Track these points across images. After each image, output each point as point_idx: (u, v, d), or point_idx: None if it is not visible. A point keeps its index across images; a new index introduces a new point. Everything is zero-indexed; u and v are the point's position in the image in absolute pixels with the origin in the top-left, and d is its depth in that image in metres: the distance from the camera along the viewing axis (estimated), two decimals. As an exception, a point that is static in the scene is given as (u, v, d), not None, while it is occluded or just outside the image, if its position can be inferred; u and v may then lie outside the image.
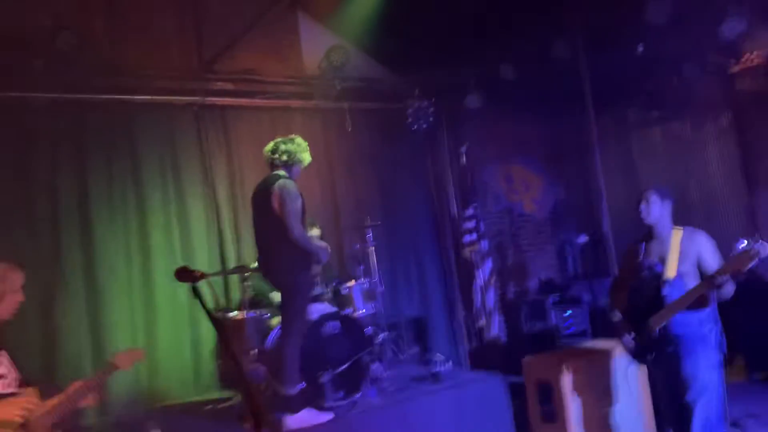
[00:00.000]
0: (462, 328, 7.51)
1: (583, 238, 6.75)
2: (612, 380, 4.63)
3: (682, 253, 3.70)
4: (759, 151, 7.22)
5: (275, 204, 4.38)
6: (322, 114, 6.95)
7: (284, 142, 4.50)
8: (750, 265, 3.39)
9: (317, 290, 4.91)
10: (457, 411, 4.67)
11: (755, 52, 6.72)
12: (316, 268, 4.57)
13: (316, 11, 6.83)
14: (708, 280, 3.55)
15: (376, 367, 4.90)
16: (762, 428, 5.18)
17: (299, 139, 4.57)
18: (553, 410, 4.65)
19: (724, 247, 7.71)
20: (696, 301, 3.61)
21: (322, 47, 6.63)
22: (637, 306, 3.85)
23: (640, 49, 5.78)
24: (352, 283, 5.19)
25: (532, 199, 8.80)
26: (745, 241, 3.43)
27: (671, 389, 3.83)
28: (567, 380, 4.55)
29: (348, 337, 4.68)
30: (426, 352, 6.03)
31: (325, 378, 4.48)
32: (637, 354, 3.88)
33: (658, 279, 3.74)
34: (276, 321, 4.91)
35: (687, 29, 5.87)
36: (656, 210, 3.81)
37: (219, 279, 6.03)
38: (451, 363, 5.02)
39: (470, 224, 7.53)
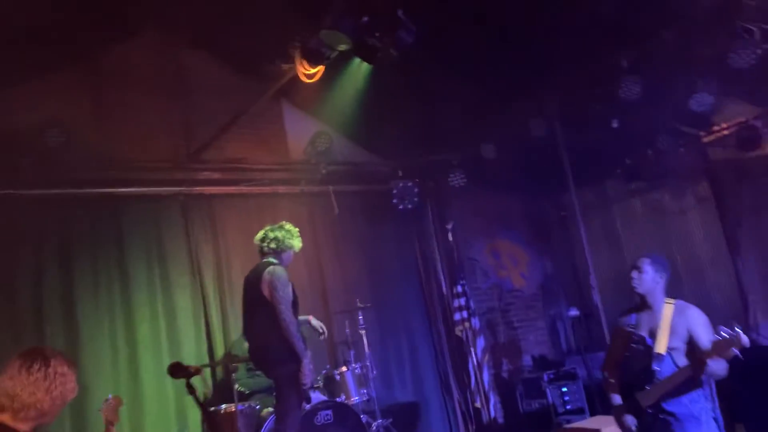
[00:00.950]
0: (458, 410, 7.32)
1: (574, 312, 6.75)
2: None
3: (672, 328, 3.60)
4: (737, 217, 7.35)
5: (266, 291, 4.37)
6: (308, 198, 7.02)
7: (273, 230, 4.54)
8: (732, 354, 3.31)
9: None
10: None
11: (723, 124, 6.95)
12: (309, 356, 4.49)
13: (299, 101, 7.02)
14: (695, 363, 3.43)
15: (373, 457, 4.73)
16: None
17: (289, 226, 4.61)
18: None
19: (712, 318, 7.71)
20: (686, 382, 3.50)
21: (306, 134, 6.82)
22: (628, 381, 3.73)
23: (615, 124, 5.97)
24: (344, 369, 5.09)
25: (520, 274, 8.81)
26: (728, 329, 3.34)
27: None
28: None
29: (342, 426, 4.55)
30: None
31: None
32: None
33: (648, 354, 3.62)
34: (266, 412, 4.78)
35: (659, 103, 6.08)
36: (648, 279, 3.71)
37: (207, 371, 5.88)
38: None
39: (460, 302, 7.49)
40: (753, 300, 7.21)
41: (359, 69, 5.39)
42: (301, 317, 4.97)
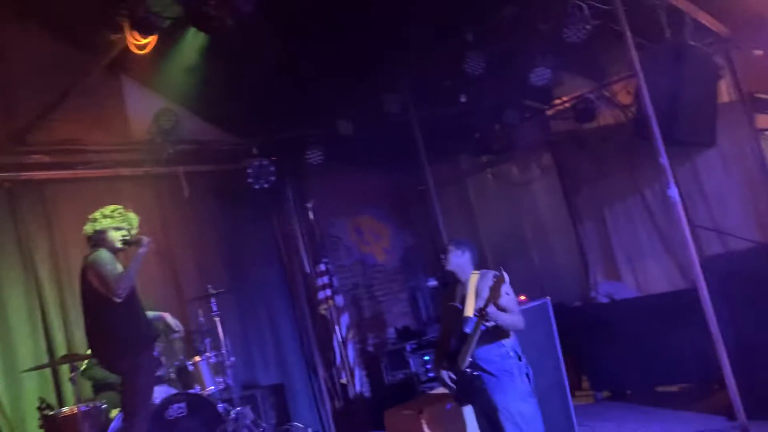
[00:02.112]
0: (324, 389, 7.30)
1: (432, 282, 6.91)
2: (464, 418, 4.66)
3: (478, 293, 3.97)
4: (577, 185, 7.89)
5: (93, 281, 4.08)
6: (155, 181, 6.59)
7: (88, 219, 4.27)
8: (502, 291, 3.77)
9: (159, 371, 4.54)
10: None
11: (563, 97, 7.40)
12: (159, 347, 4.25)
13: (141, 76, 6.53)
14: (478, 313, 3.82)
15: (230, 447, 4.58)
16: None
17: (100, 210, 4.32)
18: (417, 462, 4.58)
19: (562, 278, 8.26)
20: (493, 336, 3.92)
21: (150, 112, 6.36)
22: (453, 349, 4.04)
23: (463, 99, 6.14)
24: (198, 358, 4.86)
25: (383, 248, 8.92)
26: (495, 274, 3.82)
27: (491, 424, 4.00)
28: (426, 429, 4.52)
29: (197, 418, 4.36)
30: (286, 421, 5.76)
31: (173, 466, 4.10)
32: (454, 395, 4.03)
33: (460, 318, 3.97)
34: (116, 411, 4.46)
35: (503, 78, 6.33)
36: (453, 259, 4.16)
37: (47, 372, 5.40)
38: (310, 430, 4.80)
39: (323, 280, 7.44)
40: (592, 261, 7.81)
41: (198, 40, 5.08)
42: (155, 313, 4.68)
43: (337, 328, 7.31)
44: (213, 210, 6.96)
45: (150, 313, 4.60)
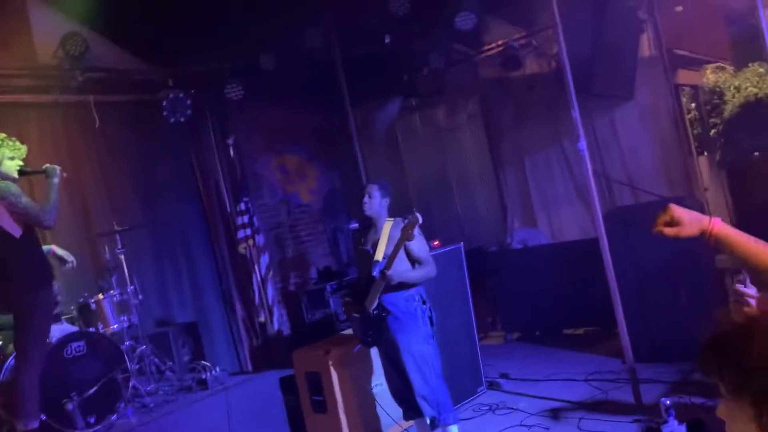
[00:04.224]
0: (241, 327, 7.31)
1: (354, 225, 6.91)
2: (371, 360, 4.78)
3: (390, 239, 4.04)
4: (501, 132, 7.96)
5: (0, 214, 3.86)
6: (64, 109, 6.24)
7: None
8: (414, 232, 3.86)
9: (57, 309, 4.40)
10: (226, 416, 4.51)
11: (492, 44, 7.35)
12: (57, 284, 4.12)
13: (48, -6, 6.09)
14: (382, 270, 3.93)
15: (133, 384, 4.54)
16: (514, 384, 5.73)
17: None
18: (323, 400, 4.68)
19: (482, 223, 8.41)
20: (402, 284, 4.02)
21: (58, 34, 5.95)
22: (360, 290, 4.15)
23: (387, 40, 6.01)
24: (101, 296, 4.74)
25: (308, 189, 8.82)
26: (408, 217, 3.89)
27: (393, 364, 4.15)
28: (333, 369, 4.61)
29: (97, 357, 4.28)
30: (198, 359, 5.75)
31: (71, 405, 4.04)
32: (361, 336, 4.12)
33: (371, 263, 4.04)
34: (12, 349, 4.33)
35: (430, 21, 6.21)
36: (376, 203, 4.17)
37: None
38: (218, 368, 4.81)
39: (243, 219, 7.33)
40: (511, 208, 7.98)
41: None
42: (45, 247, 4.50)
43: (256, 267, 7.27)
44: (126, 142, 6.67)
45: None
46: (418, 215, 3.84)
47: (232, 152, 7.39)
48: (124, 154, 6.63)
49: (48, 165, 4.18)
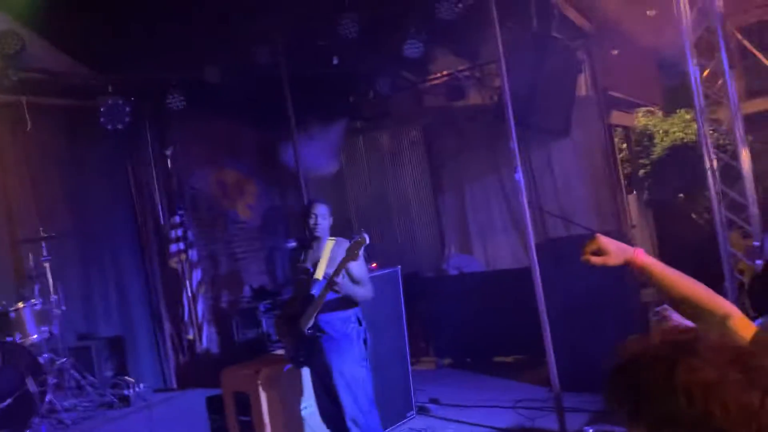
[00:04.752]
0: (168, 343, 7.09)
1: (291, 243, 6.85)
2: (302, 381, 4.71)
3: (331, 259, 4.03)
4: (442, 159, 8.11)
5: None
6: (-6, 109, 5.99)
7: None
8: (360, 252, 3.84)
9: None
10: (148, 434, 4.35)
11: (437, 73, 7.52)
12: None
13: (-16, -11, 5.85)
14: (329, 279, 3.89)
15: (50, 398, 4.32)
16: (443, 410, 5.76)
17: None
18: (250, 421, 4.57)
19: (420, 248, 8.48)
20: (340, 305, 4.00)
21: (-6, 31, 5.72)
22: (294, 308, 4.12)
23: (335, 61, 6.06)
24: (21, 305, 4.52)
25: (247, 205, 8.70)
26: (353, 239, 3.87)
27: (324, 386, 4.14)
28: (262, 389, 4.51)
29: (12, 368, 4.07)
30: (122, 374, 5.54)
31: (-21, 419, 3.82)
32: (292, 356, 4.08)
33: (310, 281, 4.03)
34: None
35: (378, 46, 6.30)
36: (326, 224, 4.15)
37: None
38: (142, 384, 4.64)
39: (177, 232, 7.16)
40: (448, 234, 8.11)
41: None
42: None
43: (188, 282, 7.10)
44: (59, 147, 6.44)
45: None
46: (366, 236, 3.81)
47: (169, 163, 7.24)
48: (56, 159, 6.40)
49: None
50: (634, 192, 9.09)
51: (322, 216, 4.12)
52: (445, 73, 7.33)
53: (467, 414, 5.57)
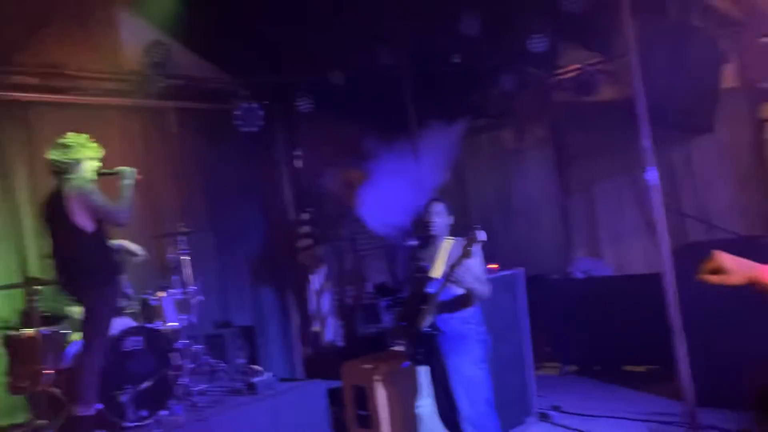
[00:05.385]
0: (295, 335, 7.40)
1: (410, 242, 6.90)
2: (419, 379, 4.72)
3: (448, 258, 3.95)
4: (570, 158, 7.79)
5: (75, 209, 4.06)
6: (143, 113, 6.55)
7: (57, 146, 4.22)
8: (474, 250, 3.69)
9: (121, 303, 4.59)
10: (272, 421, 4.56)
11: (566, 67, 7.23)
12: (124, 278, 4.30)
13: (137, 4, 6.42)
14: (446, 273, 3.80)
15: (185, 383, 4.66)
16: (565, 419, 5.55)
17: (73, 135, 4.27)
18: (368, 415, 4.66)
19: (543, 249, 8.23)
20: (458, 304, 3.94)
21: (144, 42, 6.26)
22: (411, 306, 4.07)
23: (457, 59, 6.01)
24: (163, 294, 4.91)
25: (371, 204, 8.86)
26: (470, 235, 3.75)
27: (441, 386, 4.06)
28: (380, 385, 4.58)
29: (152, 353, 4.42)
30: (252, 362, 5.86)
31: (124, 397, 4.19)
32: (410, 354, 4.05)
33: (426, 279, 3.98)
34: (75, 338, 4.53)
35: (502, 43, 6.18)
36: (443, 223, 4.09)
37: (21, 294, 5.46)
38: (270, 373, 4.88)
39: (305, 230, 7.46)
40: (576, 236, 7.78)
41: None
42: (116, 242, 4.71)
43: (314, 277, 7.37)
44: (199, 148, 6.92)
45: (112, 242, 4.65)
46: (482, 233, 3.71)
47: (300, 163, 7.54)
48: (196, 159, 6.88)
49: (122, 167, 4.36)
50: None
51: (438, 214, 4.08)
52: (574, 67, 7.03)
53: (591, 424, 5.33)
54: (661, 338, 5.13)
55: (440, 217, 4.09)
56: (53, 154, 4.21)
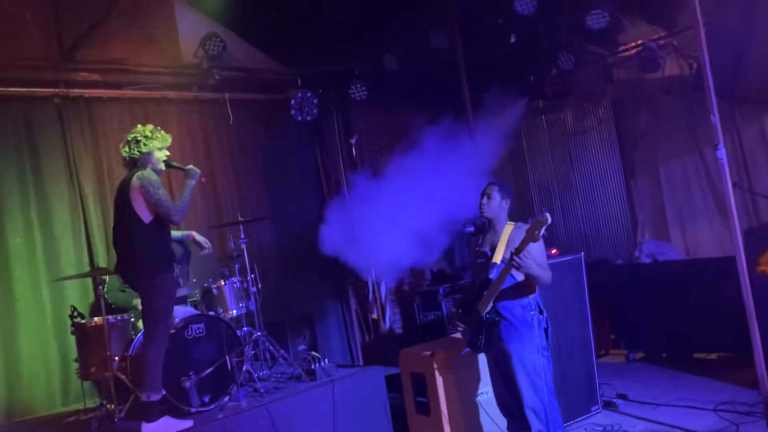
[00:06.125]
0: (354, 322, 7.43)
1: (469, 228, 6.80)
2: (479, 367, 4.65)
3: (509, 243, 3.85)
4: (634, 138, 7.50)
5: (136, 199, 4.14)
6: (201, 105, 6.68)
7: (130, 137, 4.29)
8: (540, 233, 3.54)
9: (182, 291, 4.69)
10: (331, 407, 4.58)
11: (628, 44, 6.94)
12: (178, 269, 4.37)
13: (196, -1, 6.54)
14: (509, 260, 3.70)
15: (246, 369, 4.74)
16: (631, 407, 5.37)
17: (140, 128, 4.34)
18: (426, 402, 4.63)
19: (607, 233, 7.96)
20: (519, 290, 3.87)
21: (200, 35, 6.37)
22: (471, 293, 4.03)
23: (512, 39, 5.84)
24: (222, 282, 5.00)
25: (427, 189, 8.78)
26: (533, 219, 3.60)
27: (502, 373, 3.98)
28: (438, 372, 4.53)
29: (214, 340, 4.51)
30: (311, 349, 5.91)
31: (188, 383, 4.29)
32: (470, 341, 3.98)
33: (487, 265, 3.90)
34: (141, 326, 4.67)
35: (560, 21, 5.97)
36: (495, 205, 4.01)
37: (88, 283, 5.69)
38: (327, 360, 4.90)
39: (362, 216, 7.44)
40: (641, 219, 7.49)
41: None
42: (184, 233, 4.81)
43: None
44: (256, 138, 7.01)
45: (178, 233, 4.74)
46: (548, 215, 3.56)
47: (354, 151, 7.54)
48: (254, 149, 6.97)
49: (191, 166, 4.40)
50: None
51: (492, 198, 4.00)
52: (637, 43, 6.73)
53: (659, 413, 5.13)
54: (734, 324, 4.90)
55: (494, 200, 4.01)
56: (124, 150, 4.29)
